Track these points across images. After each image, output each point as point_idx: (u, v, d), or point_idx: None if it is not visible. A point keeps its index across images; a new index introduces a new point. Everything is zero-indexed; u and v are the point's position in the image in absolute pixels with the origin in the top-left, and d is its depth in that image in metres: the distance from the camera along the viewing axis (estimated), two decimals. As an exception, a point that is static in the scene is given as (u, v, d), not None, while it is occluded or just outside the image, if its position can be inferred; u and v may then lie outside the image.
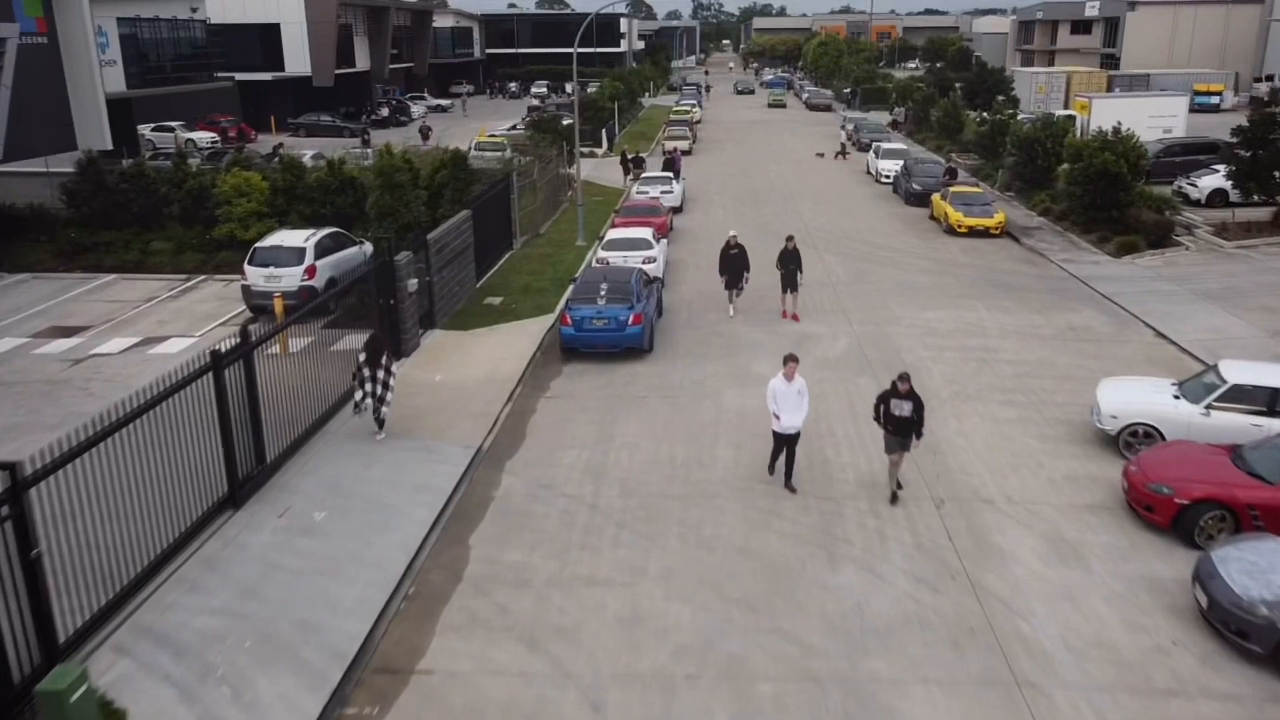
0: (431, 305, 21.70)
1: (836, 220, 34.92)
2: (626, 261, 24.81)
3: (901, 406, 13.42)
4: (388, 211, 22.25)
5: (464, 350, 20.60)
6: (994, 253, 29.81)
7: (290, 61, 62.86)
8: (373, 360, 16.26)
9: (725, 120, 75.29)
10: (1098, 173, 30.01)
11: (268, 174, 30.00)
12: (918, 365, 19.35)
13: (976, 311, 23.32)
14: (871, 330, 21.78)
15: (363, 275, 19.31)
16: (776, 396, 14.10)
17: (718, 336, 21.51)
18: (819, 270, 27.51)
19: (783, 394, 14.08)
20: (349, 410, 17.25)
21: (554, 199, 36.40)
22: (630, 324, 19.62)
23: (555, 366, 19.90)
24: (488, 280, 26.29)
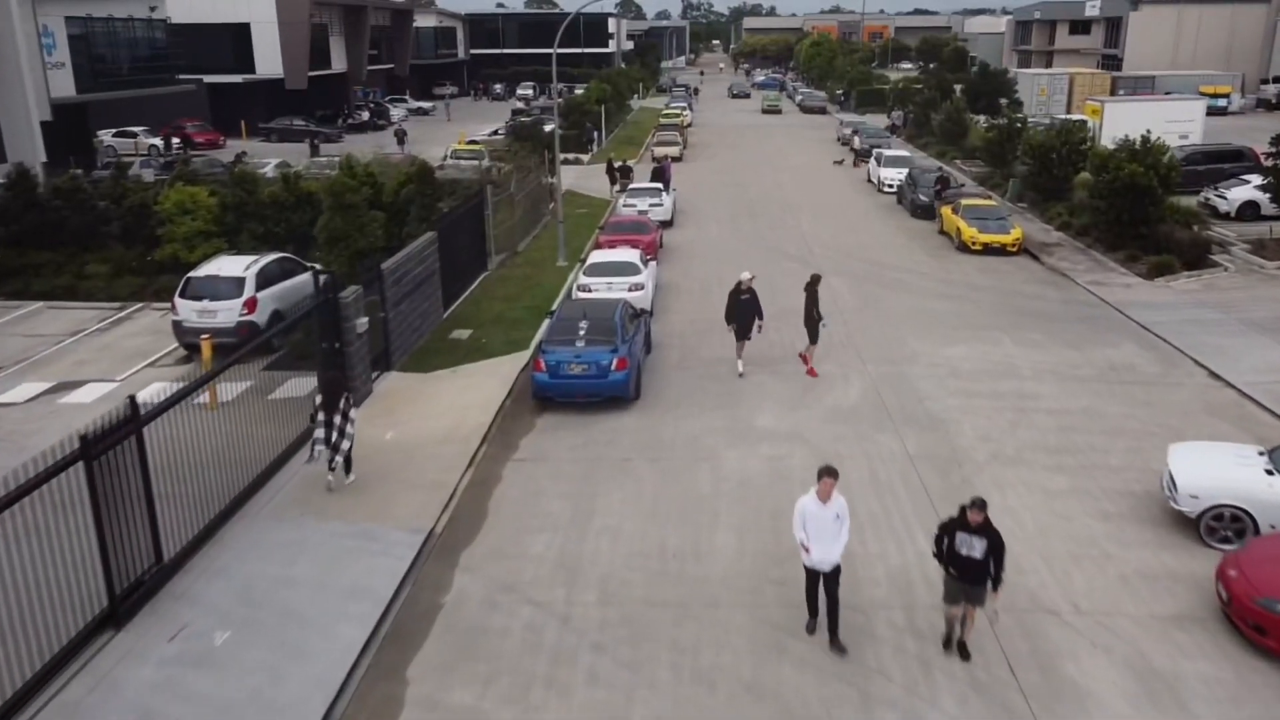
0: (387, 344, 19.02)
1: (839, 235, 32.34)
2: (610, 289, 22.22)
3: (971, 544, 9.91)
4: (339, 236, 19.60)
5: (423, 398, 17.93)
6: (1013, 273, 27.26)
7: (261, 63, 60.00)
8: (330, 403, 14.16)
9: (717, 123, 72.69)
10: (1125, 186, 27.50)
11: (216, 189, 27.29)
12: (946, 418, 16.76)
13: (1004, 346, 20.74)
14: (888, 371, 19.18)
15: (302, 315, 16.63)
16: (807, 522, 10.36)
17: (714, 380, 18.88)
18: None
19: (816, 519, 10.33)
20: (283, 477, 14.66)
21: (535, 212, 33.74)
22: (613, 370, 16.97)
23: (527, 419, 17.24)
24: (457, 309, 23.61)
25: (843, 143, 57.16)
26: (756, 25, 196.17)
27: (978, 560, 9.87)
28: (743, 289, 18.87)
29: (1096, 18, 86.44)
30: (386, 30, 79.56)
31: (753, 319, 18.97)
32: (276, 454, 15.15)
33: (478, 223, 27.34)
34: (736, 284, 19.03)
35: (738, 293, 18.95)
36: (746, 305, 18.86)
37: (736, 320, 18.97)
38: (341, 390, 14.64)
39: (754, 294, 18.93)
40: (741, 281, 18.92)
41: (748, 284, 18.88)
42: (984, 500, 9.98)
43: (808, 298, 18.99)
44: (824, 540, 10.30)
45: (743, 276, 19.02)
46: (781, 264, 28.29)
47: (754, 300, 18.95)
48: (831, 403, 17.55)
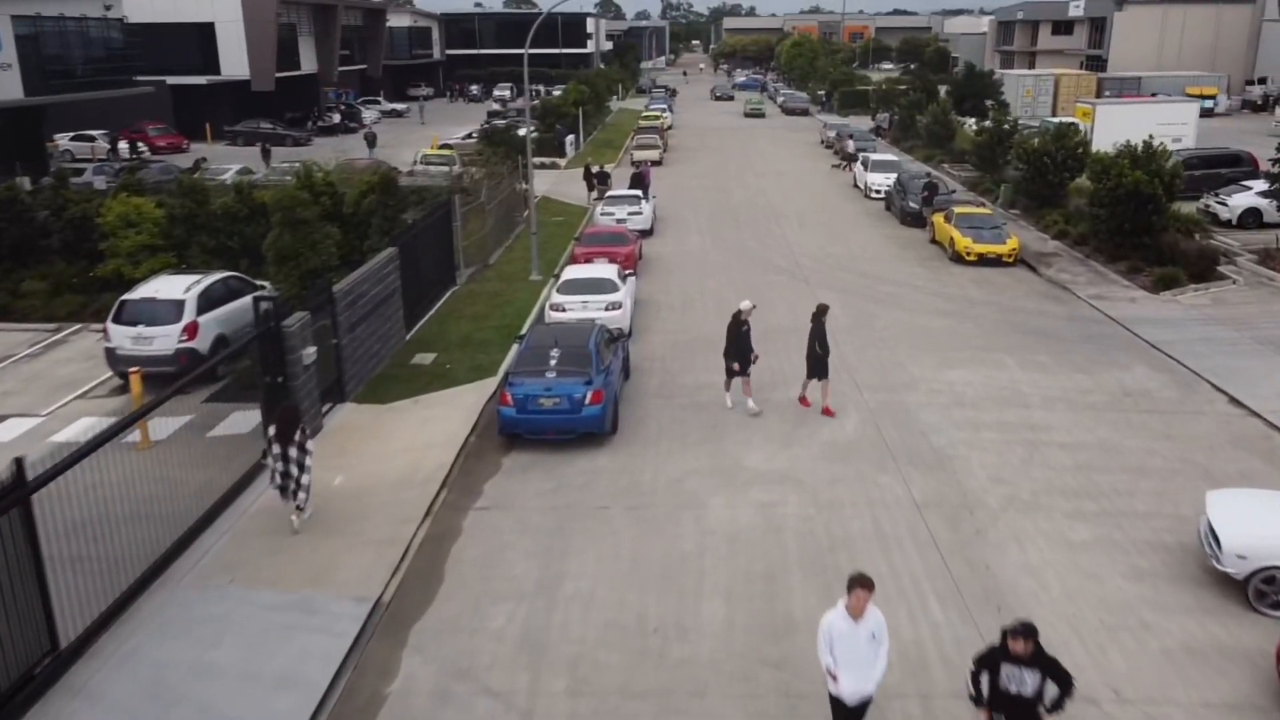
0: (340, 373, 17.37)
1: (826, 245, 30.89)
2: (585, 308, 20.65)
3: (1021, 679, 7.80)
4: (288, 255, 17.94)
5: (379, 434, 16.29)
6: (1011, 286, 25.87)
7: (227, 64, 58.05)
8: (284, 435, 12.99)
9: (697, 125, 71.20)
10: (1128, 193, 26.18)
11: (165, 200, 25.54)
12: (952, 455, 15.30)
13: (1008, 370, 19.31)
14: (886, 400, 17.69)
15: (241, 347, 14.98)
16: (835, 643, 8.27)
17: (698, 410, 17.33)
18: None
19: (846, 640, 8.22)
20: (213, 536, 13.04)
21: (508, 221, 32.12)
22: (587, 403, 15.39)
23: (493, 457, 15.64)
24: (421, 330, 21.96)
25: (826, 145, 55.84)
26: (736, 25, 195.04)
27: (1029, 699, 7.79)
28: (741, 320, 16.83)
29: (1080, 18, 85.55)
30: (359, 30, 77.65)
31: (749, 353, 16.95)
32: (210, 504, 13.53)
33: (445, 234, 25.71)
34: (735, 314, 16.94)
35: (737, 324, 16.81)
36: (747, 339, 16.86)
37: (736, 356, 16.82)
38: (296, 421, 13.32)
39: (748, 325, 16.98)
40: (741, 311, 16.91)
41: (747, 314, 16.90)
42: (1032, 626, 7.86)
43: (813, 330, 16.84)
44: (856, 667, 8.18)
45: (742, 306, 17.05)
46: (768, 277, 26.81)
47: (748, 332, 17.00)
48: (827, 437, 16.05)
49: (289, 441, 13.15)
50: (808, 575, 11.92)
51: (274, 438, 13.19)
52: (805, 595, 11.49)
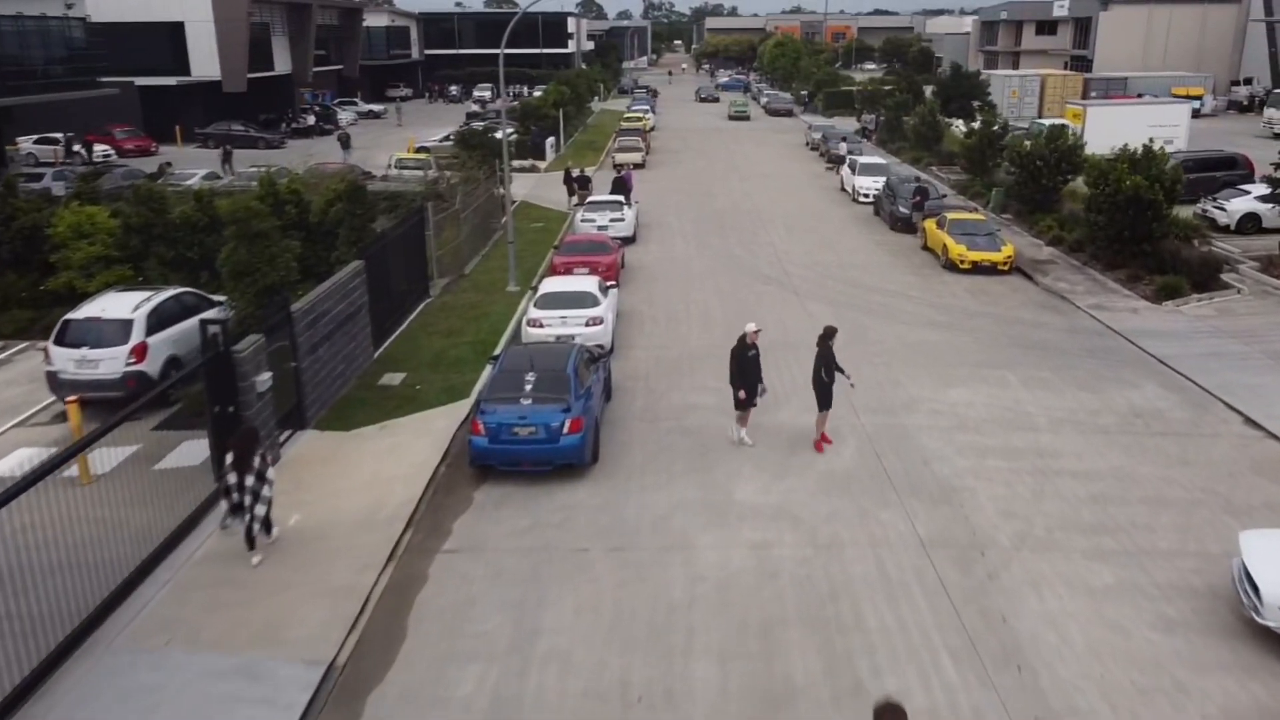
0: (300, 398, 16.17)
1: (815, 252, 29.85)
2: (565, 324, 19.54)
3: None
4: (244, 270, 16.73)
5: (341, 465, 15.11)
6: (1007, 296, 24.90)
7: (197, 64, 56.46)
8: (242, 462, 12.04)
9: (680, 126, 70.12)
10: (1127, 199, 25.26)
11: (121, 208, 24.23)
12: (958, 486, 14.26)
13: (1011, 388, 18.31)
14: (884, 423, 16.64)
15: (188, 374, 13.77)
16: None
17: (684, 435, 16.22)
18: (804, 324, 22.35)
19: None
20: (153, 586, 11.85)
21: (484, 228, 30.92)
22: (566, 433, 14.26)
23: (464, 490, 14.49)
24: (391, 347, 20.77)
25: (812, 147, 54.90)
26: (719, 25, 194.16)
27: None
28: (748, 344, 15.42)
29: (1064, 18, 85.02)
30: (335, 30, 76.14)
31: (759, 379, 15.55)
32: (151, 549, 12.33)
33: (418, 244, 24.50)
34: (740, 339, 15.53)
35: (743, 349, 15.40)
36: (754, 363, 15.48)
37: (743, 383, 15.41)
38: (255, 445, 12.28)
39: (756, 350, 15.56)
40: (746, 335, 15.49)
41: (754, 338, 15.50)
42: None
43: (819, 355, 15.50)
44: None
45: (747, 329, 15.58)
46: (756, 287, 25.75)
47: (757, 355, 15.56)
48: (823, 466, 14.97)
49: (248, 469, 12.11)
50: (808, 630, 10.84)
51: (231, 465, 12.15)
52: (805, 654, 10.41)
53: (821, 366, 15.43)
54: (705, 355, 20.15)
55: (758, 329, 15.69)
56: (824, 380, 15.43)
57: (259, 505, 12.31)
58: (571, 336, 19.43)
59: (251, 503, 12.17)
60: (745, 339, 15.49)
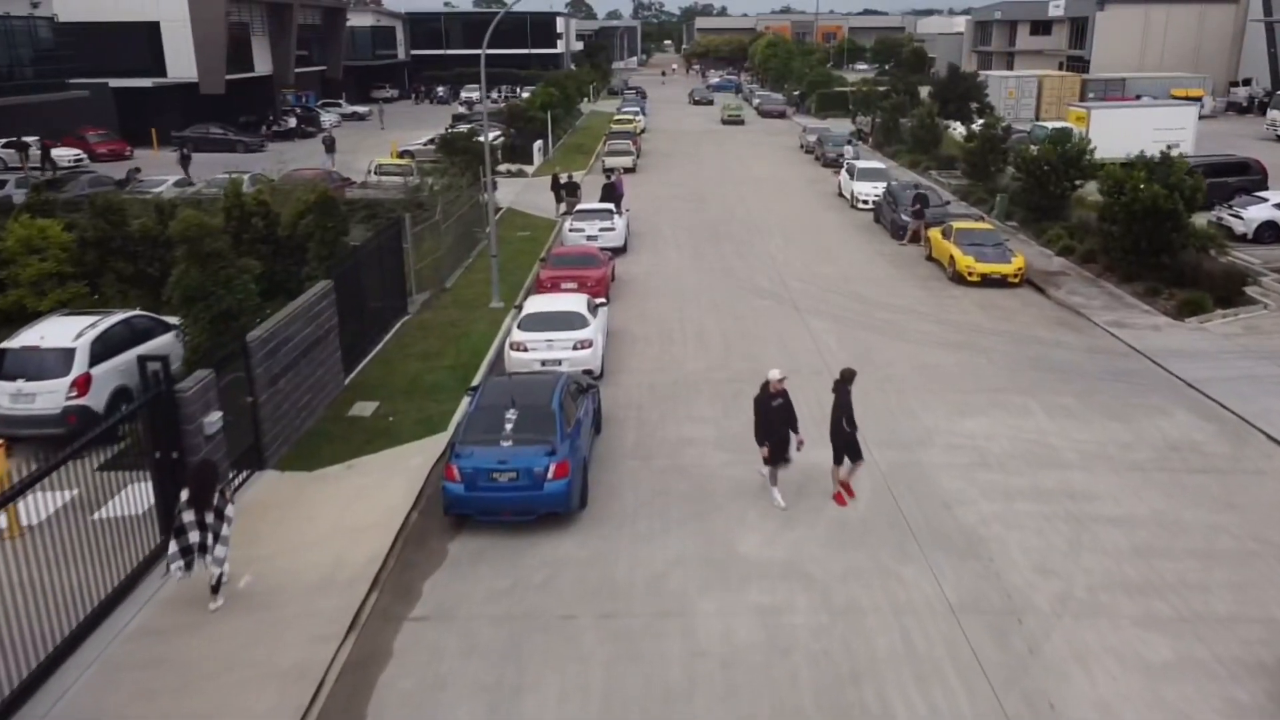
0: (258, 436, 14.68)
1: (815, 263, 28.45)
2: (551, 348, 18.12)
3: None
4: (195, 295, 15.23)
5: (302, 512, 13.63)
6: (1020, 311, 23.54)
7: (174, 65, 54.75)
8: (199, 499, 11.08)
9: (671, 128, 68.69)
10: (1144, 209, 23.94)
11: (77, 221, 22.73)
12: (985, 535, 12.86)
13: (1033, 417, 16.93)
14: (899, 460, 15.22)
15: (126, 416, 12.27)
16: None
17: (680, 475, 14.79)
18: (805, 343, 21.01)
19: None
20: (83, 657, 10.40)
21: (468, 238, 29.43)
22: (550, 478, 12.81)
23: (437, 542, 13.03)
24: (363, 372, 19.28)
25: (806, 150, 53.54)
26: (709, 25, 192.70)
27: None
28: (773, 392, 13.59)
29: (1060, 18, 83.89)
30: (317, 30, 74.44)
31: (789, 432, 13.61)
32: (81, 618, 10.85)
33: (395, 257, 23.02)
34: (763, 386, 13.71)
35: (767, 399, 13.58)
36: (780, 413, 13.58)
37: (769, 436, 13.53)
38: (214, 481, 11.19)
39: (788, 398, 13.73)
40: (770, 383, 13.64)
41: (779, 385, 13.63)
42: None
43: (837, 402, 13.63)
44: None
45: (771, 376, 13.72)
46: (753, 302, 24.34)
47: (788, 406, 13.71)
48: (835, 512, 13.55)
49: (206, 505, 11.01)
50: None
51: (187, 502, 11.01)
52: (826, 753, 8.99)
53: (842, 415, 13.51)
54: (701, 381, 18.75)
55: (783, 376, 13.74)
56: (845, 430, 13.52)
57: (220, 546, 11.16)
58: (558, 361, 18.06)
59: (212, 543, 11.08)
60: (769, 387, 13.55)
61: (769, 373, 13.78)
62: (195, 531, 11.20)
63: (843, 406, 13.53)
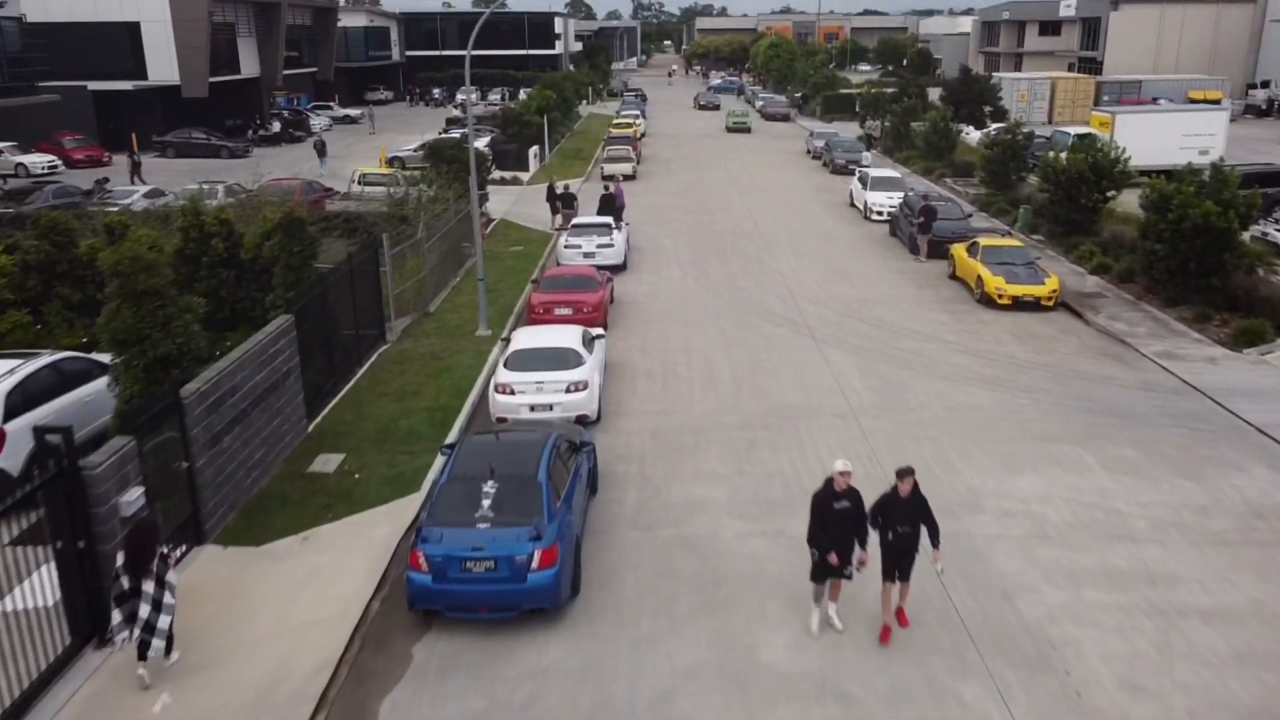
0: (196, 505, 12.57)
1: (830, 283, 26.34)
2: (541, 390, 16.04)
3: None
4: (130, 339, 13.14)
5: (242, 603, 11.51)
6: (1059, 340, 21.44)
7: (155, 67, 52.63)
8: (137, 562, 9.76)
9: (671, 132, 66.55)
10: (1195, 227, 21.85)
11: (20, 241, 20.64)
12: (1056, 637, 10.74)
13: (1091, 474, 14.82)
14: (945, 531, 12.92)
15: (24, 498, 10.14)
16: None
17: (689, 550, 12.67)
18: (824, 380, 18.90)
19: None
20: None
21: (455, 254, 27.34)
22: (534, 569, 10.70)
23: (400, 644, 10.91)
24: (332, 414, 17.16)
25: (814, 156, 51.44)
26: (709, 26, 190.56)
27: None
28: (839, 489, 10.45)
29: (1071, 18, 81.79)
30: (307, 30, 72.34)
31: (854, 541, 10.55)
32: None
33: (371, 281, 20.91)
34: (826, 483, 10.57)
35: (830, 498, 10.46)
36: (847, 519, 10.51)
37: (833, 545, 10.44)
38: (153, 544, 9.86)
39: (858, 497, 10.59)
40: (834, 478, 10.48)
41: (846, 482, 10.47)
42: None
43: (882, 505, 10.61)
44: None
45: (836, 468, 10.50)
46: (766, 329, 22.24)
47: (858, 507, 10.59)
48: (875, 607, 11.40)
49: (145, 571, 9.75)
50: None
51: (123, 567, 9.72)
52: None
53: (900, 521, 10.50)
54: (711, 426, 16.65)
55: (848, 469, 10.47)
56: (899, 544, 10.55)
57: (161, 616, 9.69)
58: (549, 406, 15.99)
59: (152, 613, 9.64)
60: (833, 484, 10.47)
61: (834, 464, 10.58)
62: (134, 600, 9.71)
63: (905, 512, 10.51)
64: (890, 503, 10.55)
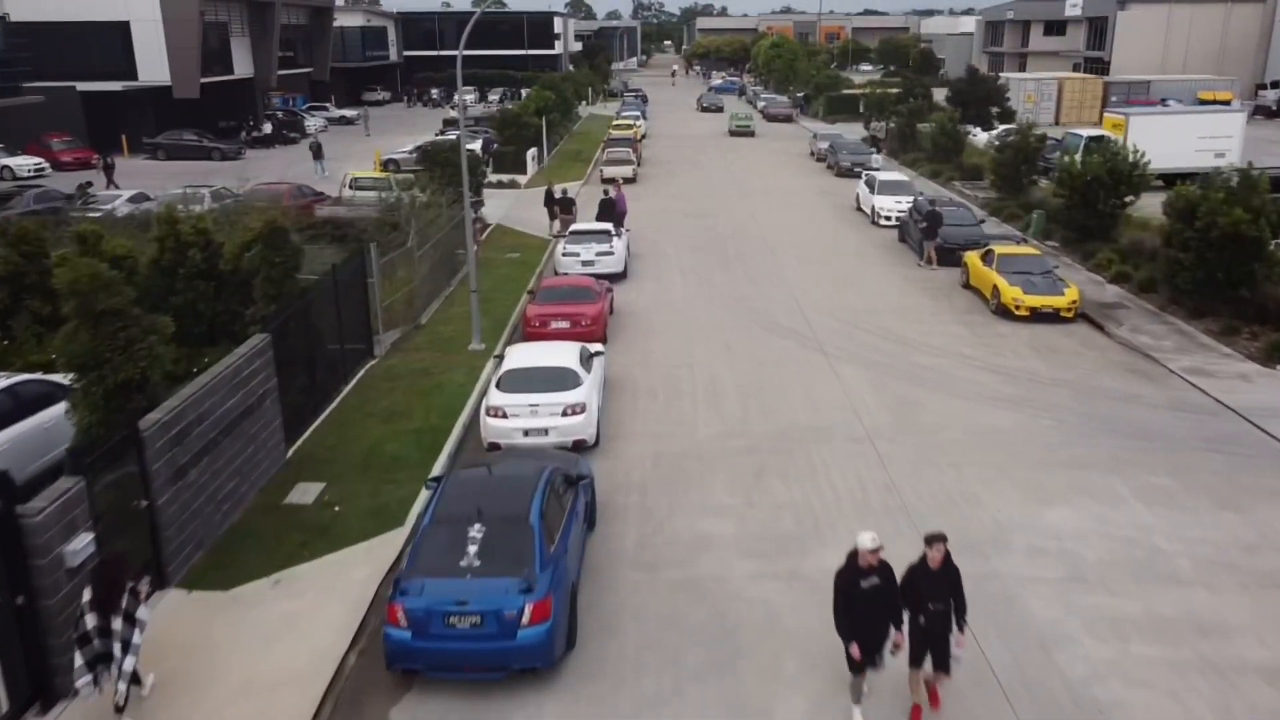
0: (157, 547, 11.53)
1: (838, 292, 25.30)
2: (536, 414, 15.03)
3: None
4: (88, 363, 12.11)
5: (205, 658, 10.48)
6: (1080, 355, 20.40)
7: (145, 68, 51.57)
8: (105, 599, 9.09)
9: (672, 133, 65.49)
10: (1223, 236, 20.83)
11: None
12: (1104, 699, 9.72)
13: (1126, 506, 13.78)
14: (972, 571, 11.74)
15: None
16: None
17: (695, 597, 11.63)
18: (836, 398, 17.87)
19: None
20: None
21: (449, 262, 26.30)
22: (527, 623, 9.67)
23: (377, 706, 9.89)
24: (313, 437, 16.13)
25: (818, 159, 50.41)
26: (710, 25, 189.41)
27: None
28: (867, 568, 8.97)
29: (1077, 18, 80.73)
30: (303, 30, 71.28)
31: (888, 624, 9.12)
32: None
33: (358, 293, 19.87)
34: (849, 559, 9.10)
35: (854, 575, 9.00)
36: (875, 600, 9.01)
37: (857, 633, 9.04)
38: (121, 579, 9.20)
39: (889, 572, 9.11)
40: (861, 552, 8.95)
41: (873, 558, 8.94)
42: None
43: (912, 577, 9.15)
44: None
45: (862, 544, 8.94)
46: (773, 342, 21.21)
47: (889, 584, 9.09)
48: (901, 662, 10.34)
49: (113, 609, 9.05)
50: None
51: (89, 604, 9.02)
52: None
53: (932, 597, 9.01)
54: (717, 451, 15.62)
55: (877, 546, 8.93)
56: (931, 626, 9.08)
57: (128, 656, 8.97)
58: (544, 430, 14.97)
59: (120, 653, 8.95)
60: (857, 559, 8.99)
61: (859, 538, 9.04)
62: (100, 639, 8.96)
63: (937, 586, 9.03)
64: (919, 576, 9.04)
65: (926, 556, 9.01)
